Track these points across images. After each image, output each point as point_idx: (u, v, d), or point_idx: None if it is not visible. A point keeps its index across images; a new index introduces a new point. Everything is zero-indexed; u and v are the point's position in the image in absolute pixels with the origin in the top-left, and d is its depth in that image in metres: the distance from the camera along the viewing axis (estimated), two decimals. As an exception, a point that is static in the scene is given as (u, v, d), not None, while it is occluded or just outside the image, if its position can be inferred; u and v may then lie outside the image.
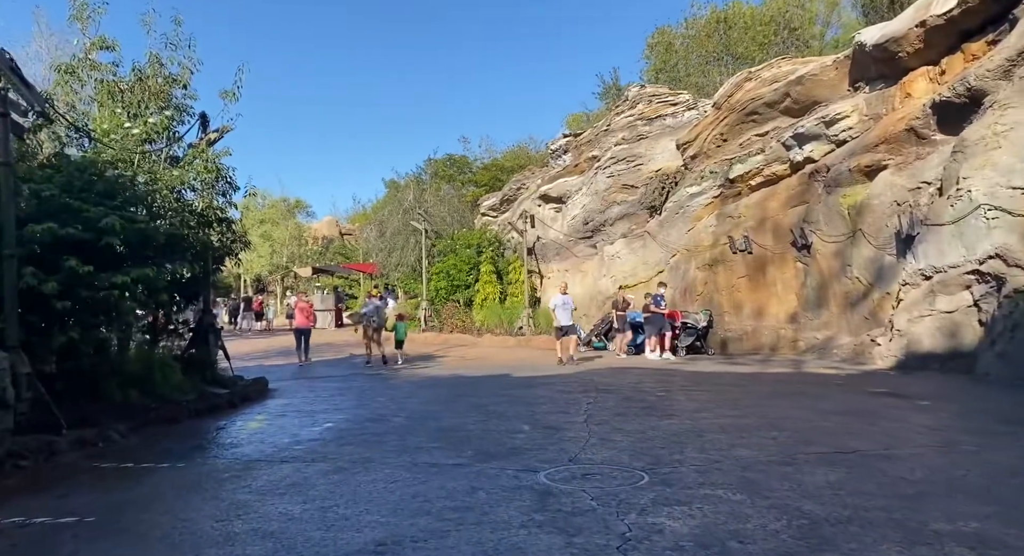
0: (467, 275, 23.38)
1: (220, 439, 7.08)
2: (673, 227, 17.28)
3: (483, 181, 34.16)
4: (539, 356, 16.55)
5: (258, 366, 15.29)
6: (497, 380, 11.28)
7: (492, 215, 25.69)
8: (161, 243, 7.67)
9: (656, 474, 4.89)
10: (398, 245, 25.40)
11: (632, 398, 8.80)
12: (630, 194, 18.99)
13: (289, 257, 39.38)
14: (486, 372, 12.51)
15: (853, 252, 12.76)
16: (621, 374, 11.85)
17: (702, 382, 10.50)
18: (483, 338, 21.04)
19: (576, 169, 20.89)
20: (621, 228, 19.45)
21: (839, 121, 12.92)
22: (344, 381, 11.89)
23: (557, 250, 21.95)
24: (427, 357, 16.69)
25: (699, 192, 16.48)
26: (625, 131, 19.01)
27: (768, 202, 15.20)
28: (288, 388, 10.97)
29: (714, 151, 16.68)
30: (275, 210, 41.64)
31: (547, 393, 9.46)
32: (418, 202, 26.05)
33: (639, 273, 18.29)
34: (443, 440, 6.43)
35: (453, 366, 14.29)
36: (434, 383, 11.17)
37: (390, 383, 11.31)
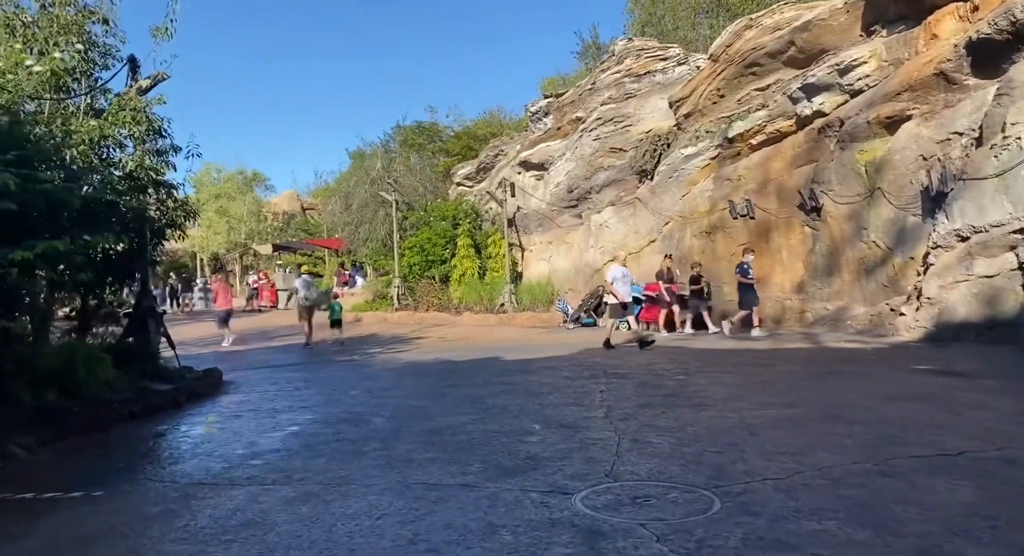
0: (443, 249, 22.04)
1: (156, 452, 5.77)
2: (666, 193, 16.18)
3: (454, 150, 32.59)
4: (525, 335, 15.43)
5: (213, 353, 13.91)
6: (487, 365, 10.11)
7: (468, 185, 24.29)
8: (77, 210, 6.23)
9: (728, 495, 3.77)
10: (366, 218, 23.87)
11: (649, 384, 7.71)
12: (618, 158, 17.81)
13: (248, 234, 37.46)
14: (473, 355, 11.32)
15: (870, 214, 11.81)
16: (621, 354, 10.77)
17: (718, 362, 9.47)
18: (462, 316, 19.84)
19: (559, 132, 19.60)
20: (609, 195, 18.29)
21: (855, 68, 11.86)
22: (311, 370, 10.60)
23: (540, 220, 20.73)
24: (402, 339, 15.43)
25: (694, 154, 15.38)
26: (612, 89, 17.74)
27: (771, 162, 14.17)
28: (246, 380, 9.64)
29: (710, 108, 15.54)
30: (231, 184, 39.50)
31: (550, 380, 8.31)
32: (387, 171, 24.49)
33: (629, 243, 17.19)
34: (438, 447, 5.24)
35: (433, 349, 13.08)
36: (416, 370, 9.95)
37: (365, 372, 10.06)
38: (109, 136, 7.33)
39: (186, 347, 14.76)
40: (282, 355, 13.21)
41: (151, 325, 8.34)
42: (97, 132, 7.11)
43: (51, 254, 5.74)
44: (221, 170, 41.34)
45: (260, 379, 9.70)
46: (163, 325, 8.74)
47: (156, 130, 7.84)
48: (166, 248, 28.19)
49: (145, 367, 8.06)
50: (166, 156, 8.27)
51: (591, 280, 18.32)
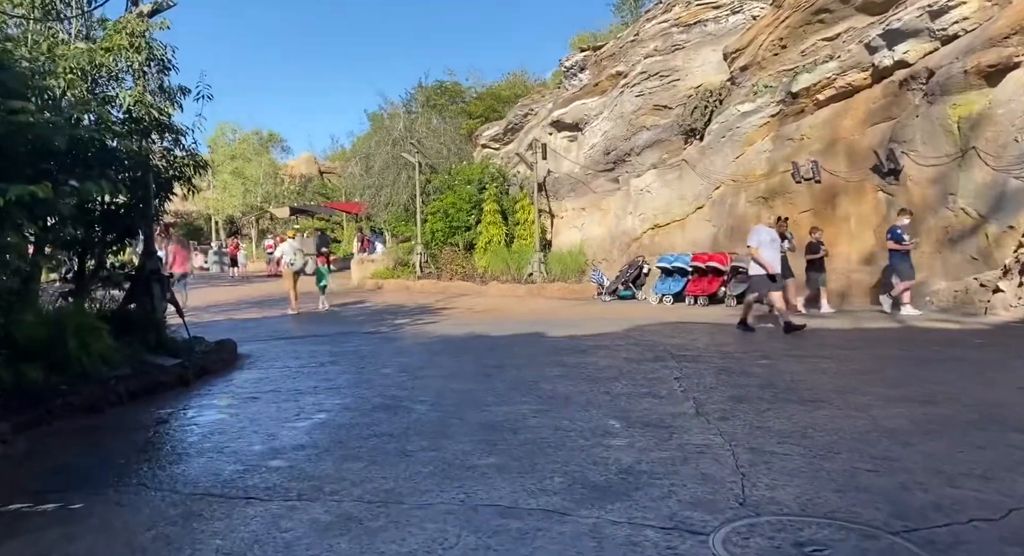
0: (468, 215, 20.88)
1: (156, 445, 4.81)
2: (718, 154, 14.87)
3: (477, 112, 31.13)
4: (559, 307, 14.38)
5: (228, 321, 13.01)
6: (531, 341, 9.06)
7: (494, 147, 23.01)
8: (63, 151, 5.18)
9: (932, 546, 2.70)
10: (387, 181, 22.71)
11: (730, 370, 6.62)
12: (662, 116, 16.46)
13: (264, 197, 36.49)
14: (510, 329, 10.29)
15: (960, 177, 10.50)
16: (680, 331, 9.67)
17: (798, 343, 8.35)
18: (488, 286, 18.80)
19: (596, 89, 18.22)
20: (651, 157, 16.99)
21: (951, 10, 10.42)
22: (335, 342, 9.62)
23: (572, 185, 19.48)
24: (429, 310, 14.43)
25: (752, 111, 14.02)
26: (658, 40, 16.31)
27: (840, 120, 12.80)
28: (264, 353, 8.68)
29: (770, 61, 14.12)
30: (247, 145, 38.41)
31: (609, 362, 7.25)
32: (409, 132, 23.23)
33: (673, 210, 15.96)
34: (502, 449, 4.22)
35: (464, 321, 12.06)
36: (451, 346, 8.93)
37: (395, 347, 9.05)
38: (103, 65, 6.24)
39: (197, 313, 13.95)
40: (302, 324, 12.27)
41: (156, 290, 7.36)
42: (86, 58, 6.03)
43: (28, 202, 4.71)
44: (236, 131, 40.28)
45: (280, 352, 8.73)
46: (170, 290, 7.76)
47: (159, 60, 6.76)
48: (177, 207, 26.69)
49: (148, 338, 7.10)
50: (172, 95, 7.17)
51: (628, 249, 17.16)
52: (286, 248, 14.30)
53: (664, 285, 14.73)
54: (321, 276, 15.17)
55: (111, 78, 6.57)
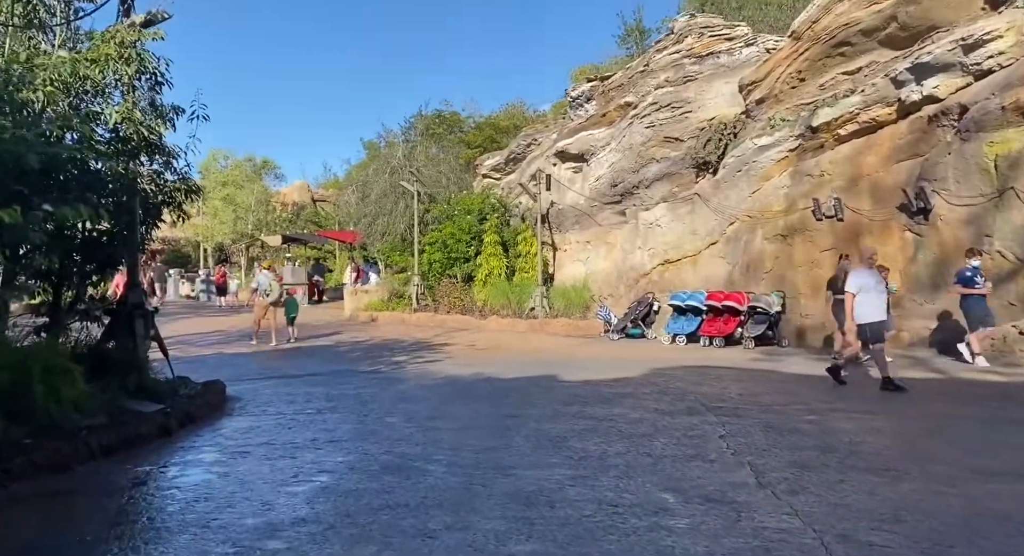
0: (467, 246, 20.37)
1: (130, 516, 4.12)
2: (732, 188, 14.49)
3: (476, 142, 30.96)
4: (565, 346, 13.79)
5: (216, 355, 12.32)
6: (546, 386, 8.43)
7: (495, 177, 22.64)
8: (36, 170, 4.60)
9: None
10: (384, 210, 22.23)
11: (777, 427, 6.01)
12: (673, 149, 16.12)
13: (255, 224, 35.90)
14: (520, 370, 9.66)
15: (997, 218, 10.10)
16: (706, 377, 9.08)
17: (837, 394, 7.77)
18: (487, 321, 18.18)
19: (603, 119, 17.92)
20: (660, 191, 16.60)
21: (985, 44, 10.13)
22: (332, 383, 8.94)
23: (577, 217, 19.04)
24: (428, 346, 13.78)
25: (770, 144, 13.67)
26: (669, 71, 16.06)
27: (863, 156, 12.45)
28: (255, 395, 7.99)
29: (787, 94, 13.84)
30: (239, 171, 37.93)
31: (639, 414, 6.63)
32: (408, 161, 22.84)
33: (685, 245, 15.51)
34: (541, 532, 3.58)
35: (468, 360, 11.42)
36: (460, 389, 8.28)
37: (398, 390, 8.38)
38: (87, 78, 5.71)
39: (183, 346, 13.24)
40: (295, 360, 11.58)
41: (138, 326, 6.72)
42: (69, 69, 5.48)
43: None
44: (229, 157, 39.82)
45: (272, 395, 8.05)
46: (154, 326, 7.10)
47: (151, 73, 6.23)
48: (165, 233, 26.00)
49: (128, 380, 6.43)
50: (164, 113, 6.64)
51: (636, 285, 16.65)
52: (262, 279, 14.39)
53: (677, 324, 14.18)
54: (291, 307, 14.85)
55: (97, 93, 6.04)
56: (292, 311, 14.86)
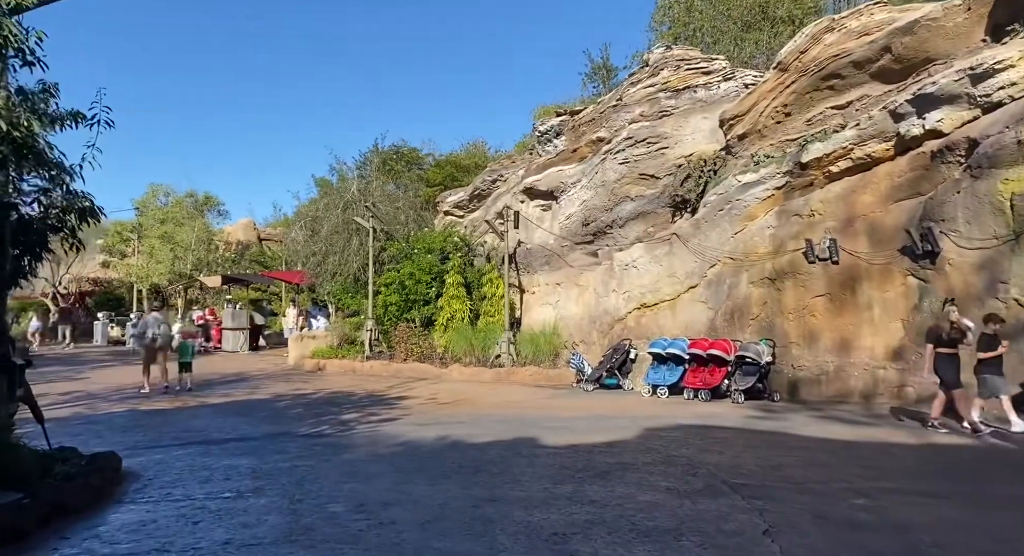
0: (427, 288, 18.99)
1: None
2: (714, 228, 13.62)
3: (436, 180, 29.89)
4: (537, 398, 12.49)
5: (129, 412, 10.60)
6: (527, 454, 7.06)
7: (458, 214, 21.48)
8: None
9: None
10: (336, 248, 20.74)
11: (828, 516, 4.81)
12: (648, 186, 15.27)
13: (195, 264, 33.80)
14: (492, 432, 8.29)
15: (1014, 262, 9.34)
16: (709, 440, 7.86)
17: (872, 465, 6.64)
18: (449, 369, 16.76)
19: (574, 155, 17.05)
20: (635, 230, 15.67)
21: (996, 74, 9.54)
22: (263, 451, 7.39)
23: (546, 258, 17.94)
24: (383, 400, 12.28)
25: (754, 182, 12.89)
26: (644, 105, 15.33)
27: (858, 195, 11.72)
28: (162, 469, 6.42)
29: (772, 129, 13.17)
30: (179, 208, 35.95)
31: (650, 496, 5.34)
32: (363, 195, 21.52)
33: (663, 288, 14.49)
34: None
35: (431, 417, 9.99)
36: (421, 460, 6.85)
37: (344, 461, 6.89)
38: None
39: (93, 402, 11.43)
40: (223, 420, 9.93)
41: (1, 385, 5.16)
42: None
43: None
44: (170, 193, 37.86)
45: (184, 469, 6.48)
46: (23, 384, 5.52)
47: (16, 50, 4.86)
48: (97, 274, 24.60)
49: (-21, 459, 4.85)
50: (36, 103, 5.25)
51: (611, 331, 15.51)
52: (150, 321, 13.78)
53: (657, 374, 13.03)
54: (184, 352, 14.09)
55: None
56: (185, 356, 14.02)
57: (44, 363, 19.64)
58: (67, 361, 19.61)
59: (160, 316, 14.28)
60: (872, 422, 9.13)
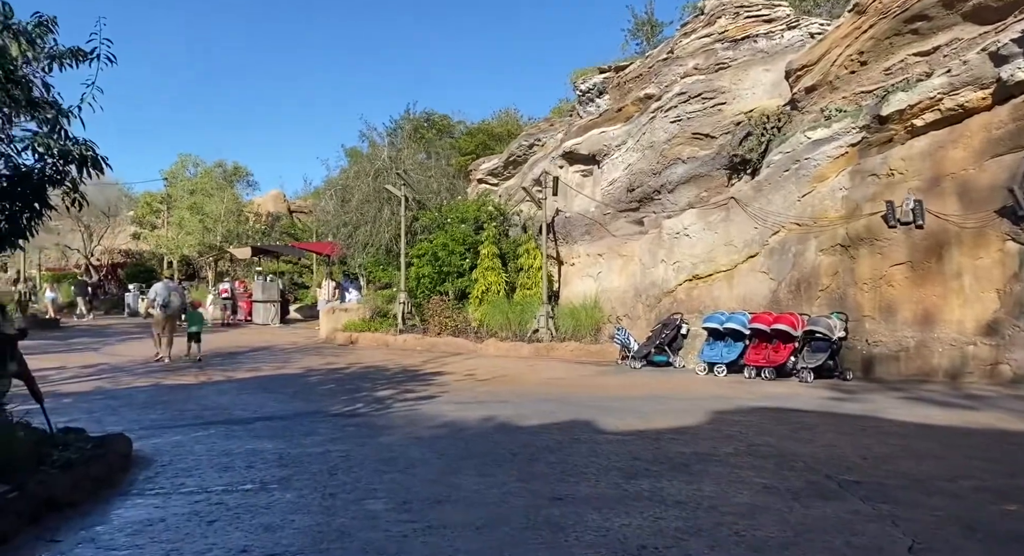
0: (461, 259, 18.23)
1: None
2: (777, 191, 12.52)
3: (468, 148, 28.97)
4: (583, 376, 11.70)
5: (152, 387, 10.04)
6: (587, 440, 6.24)
7: (492, 182, 20.59)
8: None
9: None
10: (367, 217, 20.02)
11: (981, 527, 3.89)
12: (702, 147, 14.16)
13: (225, 236, 33.50)
14: (542, 414, 7.50)
15: None
16: (790, 425, 6.95)
17: (998, 458, 5.68)
18: (484, 344, 16.04)
19: (619, 115, 15.97)
20: (686, 195, 14.61)
21: None
22: (291, 434, 6.70)
23: (587, 227, 16.99)
24: (418, 375, 11.57)
25: (826, 138, 11.74)
26: (699, 57, 14.15)
27: (947, 151, 10.52)
28: (177, 454, 5.74)
29: (845, 80, 11.96)
30: (208, 178, 35.64)
31: (746, 495, 4.47)
32: (394, 162, 20.72)
33: (718, 258, 13.47)
34: None
35: (471, 396, 9.24)
36: (468, 445, 6.07)
37: (381, 446, 6.13)
38: None
39: (116, 376, 10.93)
40: (250, 396, 9.30)
41: (-13, 360, 4.47)
42: None
43: None
44: (199, 164, 37.58)
45: (202, 454, 5.79)
46: (16, 357, 4.83)
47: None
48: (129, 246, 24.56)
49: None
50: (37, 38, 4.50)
51: (659, 304, 14.57)
52: (159, 288, 13.51)
53: (714, 351, 12.09)
54: (193, 321, 13.85)
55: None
56: (194, 325, 13.77)
57: (72, 334, 19.43)
58: (95, 332, 19.36)
59: (171, 284, 13.89)
60: (970, 405, 8.10)
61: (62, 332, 20.39)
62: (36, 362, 12.91)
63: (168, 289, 13.44)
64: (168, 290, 13.41)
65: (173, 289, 13.62)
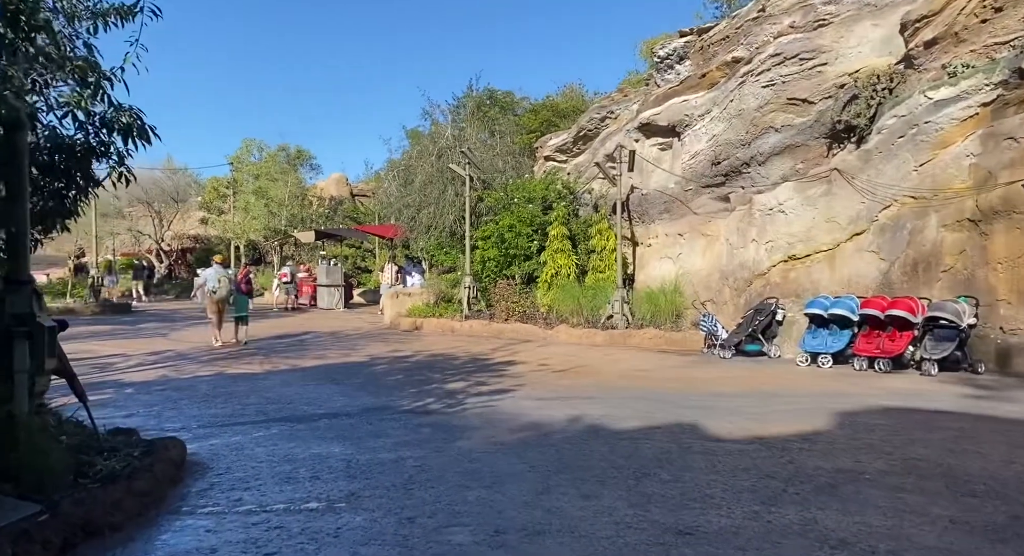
0: (529, 241, 17.41)
1: None
2: (890, 160, 11.18)
3: (532, 126, 28.00)
4: (667, 366, 10.77)
5: (215, 376, 9.65)
6: (699, 449, 5.33)
7: (560, 159, 19.64)
8: None
9: None
10: (431, 199, 19.40)
11: None
12: (799, 113, 12.85)
13: (289, 220, 33.64)
14: (635, 411, 6.63)
15: None
16: (945, 433, 5.87)
17: None
18: (555, 331, 15.23)
19: (702, 81, 14.75)
20: (779, 168, 13.34)
21: None
22: (360, 433, 6.05)
23: (665, 205, 15.88)
24: (489, 366, 10.85)
25: (951, 99, 10.32)
26: (795, 14, 12.81)
27: (1106, 108, 9.04)
28: (235, 458, 5.15)
29: (974, 31, 10.49)
30: (273, 162, 35.84)
31: (937, 537, 3.51)
32: (458, 141, 19.99)
33: (818, 236, 12.21)
34: None
35: (550, 389, 8.44)
36: (560, 458, 5.25)
37: (462, 450, 5.40)
38: None
39: (179, 364, 10.61)
40: (316, 387, 8.75)
41: (18, 355, 3.92)
42: None
43: None
44: (263, 148, 37.87)
45: (264, 459, 5.17)
46: (56, 353, 4.27)
47: None
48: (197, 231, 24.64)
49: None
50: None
51: (749, 288, 13.42)
52: (209, 274, 13.64)
53: (817, 340, 10.94)
54: (240, 306, 14.00)
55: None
56: (241, 310, 13.95)
57: (142, 319, 19.61)
58: (164, 317, 19.47)
59: (221, 269, 13.90)
60: None
61: (132, 317, 20.64)
62: (103, 347, 12.89)
63: (217, 274, 13.55)
64: (217, 275, 13.52)
65: (222, 274, 13.70)
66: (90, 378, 8.97)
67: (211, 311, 13.52)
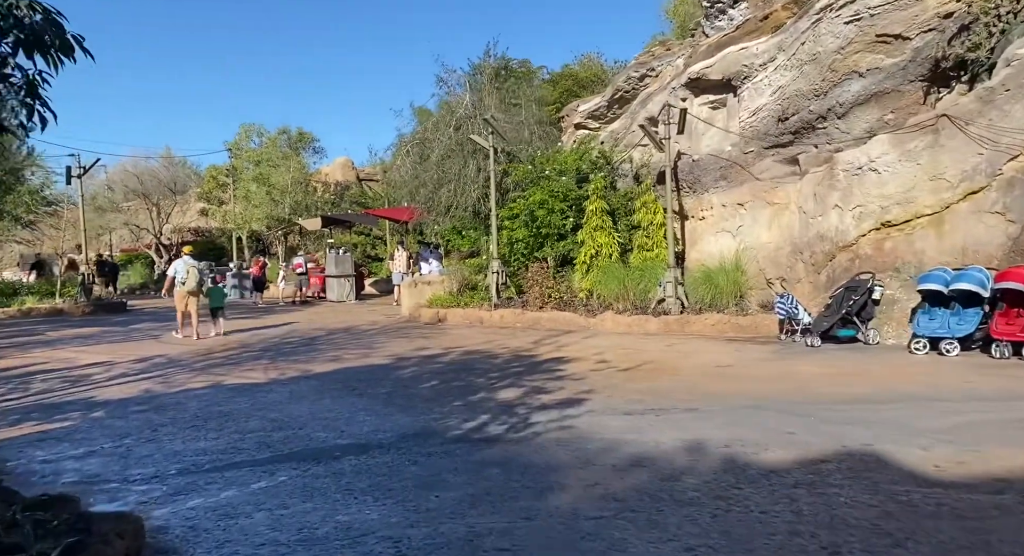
0: (563, 218, 15.62)
1: None
2: (1017, 102, 9.32)
3: (552, 98, 26.09)
4: (751, 359, 9.08)
5: (211, 389, 7.96)
6: (928, 514, 3.58)
7: (592, 126, 17.76)
8: None
9: None
10: (450, 174, 17.60)
11: None
12: (889, 53, 10.95)
13: (292, 207, 31.93)
14: (783, 439, 4.90)
15: None
16: None
17: None
18: (599, 319, 13.53)
19: (764, 24, 12.83)
20: (863, 120, 11.46)
21: None
22: (401, 484, 4.34)
23: (721, 171, 14.01)
24: (537, 364, 9.13)
25: (1103, 19, 8.49)
26: (884, -67, 10.90)
27: None
28: (217, 533, 3.45)
29: None
30: (273, 146, 34.11)
31: None
32: (478, 109, 18.14)
33: (921, 197, 10.36)
34: None
35: (629, 397, 6.70)
36: (715, 523, 3.52)
37: (560, 512, 3.67)
38: None
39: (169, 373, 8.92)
40: (333, 402, 7.03)
41: None
42: None
43: None
44: (263, 133, 36.08)
45: (263, 544, 3.46)
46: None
47: None
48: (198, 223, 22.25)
49: None
50: None
51: (831, 262, 11.61)
52: (179, 265, 13.50)
53: (936, 321, 9.14)
54: (215, 297, 14.24)
55: None
56: (216, 302, 14.16)
57: (137, 318, 18.03)
58: (160, 316, 17.84)
59: (191, 259, 13.70)
60: None
61: (126, 317, 19.04)
62: (83, 355, 11.24)
63: (187, 266, 13.38)
64: (187, 266, 13.36)
65: (192, 266, 13.48)
66: (53, 397, 7.33)
67: (179, 304, 13.35)
